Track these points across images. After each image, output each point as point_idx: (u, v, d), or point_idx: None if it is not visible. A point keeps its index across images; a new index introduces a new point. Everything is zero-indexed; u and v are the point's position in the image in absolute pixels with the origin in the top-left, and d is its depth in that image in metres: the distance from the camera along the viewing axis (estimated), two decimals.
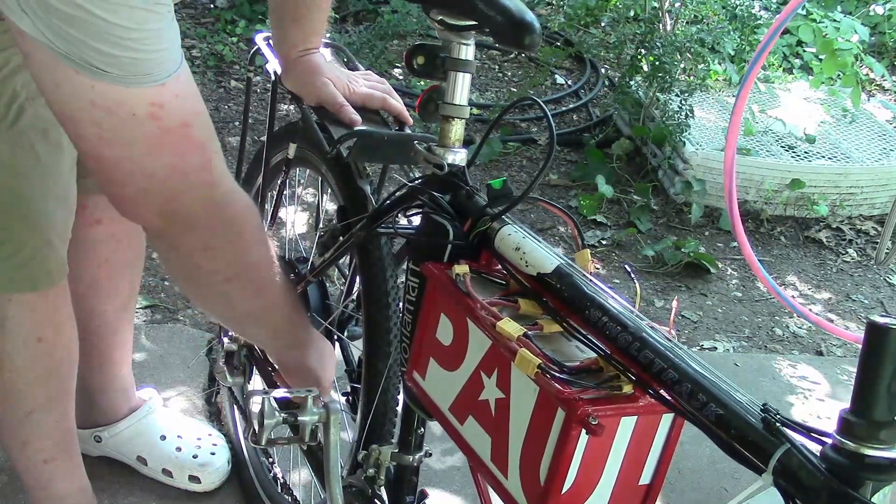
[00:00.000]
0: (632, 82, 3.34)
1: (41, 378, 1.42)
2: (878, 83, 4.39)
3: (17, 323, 1.35)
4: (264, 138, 1.54)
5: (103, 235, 1.55)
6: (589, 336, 0.84)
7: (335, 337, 1.43)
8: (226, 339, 1.52)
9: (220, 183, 0.99)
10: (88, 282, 1.54)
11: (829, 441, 0.65)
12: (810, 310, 2.69)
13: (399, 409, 1.23)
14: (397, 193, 1.13)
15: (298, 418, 1.11)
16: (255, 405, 1.12)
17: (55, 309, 1.39)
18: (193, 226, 1.01)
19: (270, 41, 1.42)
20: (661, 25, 3.31)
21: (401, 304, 1.07)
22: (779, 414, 0.68)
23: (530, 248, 0.91)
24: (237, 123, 3.26)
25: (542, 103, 1.04)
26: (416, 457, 1.20)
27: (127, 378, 1.74)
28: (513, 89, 3.81)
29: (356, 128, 1.26)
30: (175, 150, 0.92)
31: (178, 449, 1.73)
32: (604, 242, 2.91)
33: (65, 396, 1.47)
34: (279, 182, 1.50)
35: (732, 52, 3.55)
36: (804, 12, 3.64)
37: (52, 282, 1.35)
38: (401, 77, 3.73)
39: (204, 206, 0.98)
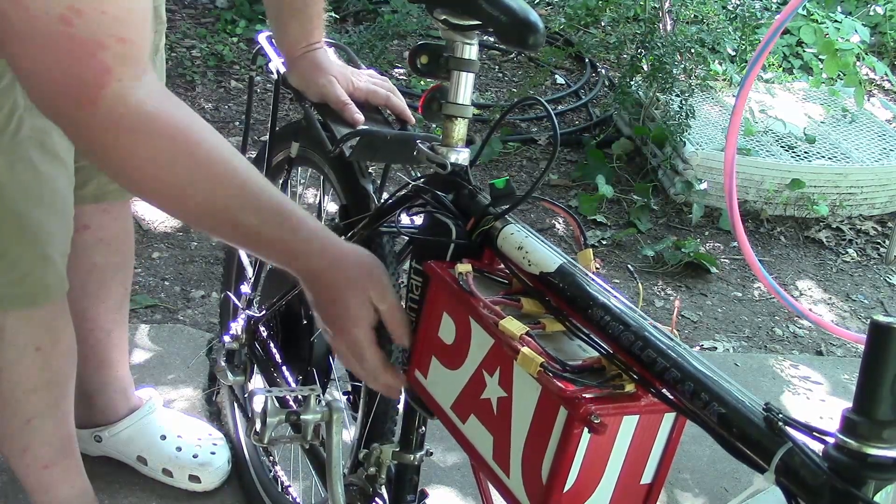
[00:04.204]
0: (632, 82, 3.35)
1: (40, 386, 1.41)
2: (878, 83, 4.39)
3: (15, 333, 1.35)
4: (265, 138, 1.54)
5: (92, 240, 1.54)
6: (591, 335, 0.84)
7: None
8: (226, 338, 1.52)
9: (104, 105, 0.87)
10: (79, 286, 1.53)
11: (832, 440, 0.65)
12: (810, 310, 2.69)
13: (400, 407, 1.23)
14: (400, 192, 1.13)
15: (301, 417, 1.11)
16: (257, 404, 1.12)
17: (53, 318, 1.38)
18: (76, 141, 0.94)
19: (273, 40, 1.42)
20: (661, 25, 3.31)
21: (403, 302, 1.07)
22: (781, 413, 0.69)
23: (533, 248, 0.91)
24: (238, 123, 3.26)
25: (545, 103, 1.05)
26: (418, 456, 1.20)
27: (125, 378, 1.74)
28: (513, 89, 3.81)
29: (359, 127, 1.26)
30: (72, 61, 0.84)
31: (179, 448, 1.73)
32: (604, 242, 2.91)
33: (63, 402, 1.47)
34: (281, 181, 1.50)
35: (733, 52, 3.55)
36: (804, 12, 3.64)
37: (49, 297, 1.34)
38: (401, 77, 3.73)
39: (87, 125, 0.89)
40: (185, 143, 0.91)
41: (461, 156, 1.07)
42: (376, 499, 1.22)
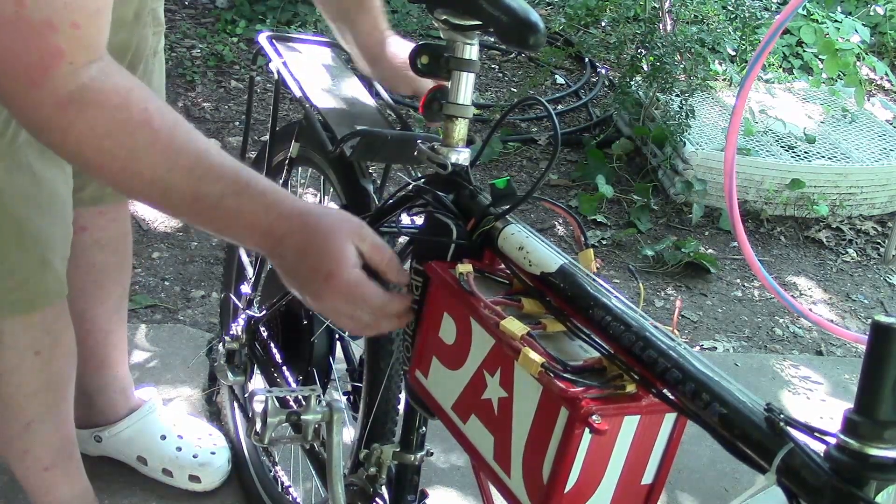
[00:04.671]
0: (632, 82, 3.35)
1: (40, 390, 1.41)
2: (878, 83, 4.39)
3: (15, 338, 1.34)
4: (265, 138, 1.54)
5: (89, 242, 1.54)
6: (592, 335, 0.84)
7: (336, 336, 1.43)
8: (227, 338, 1.52)
9: (53, 84, 0.86)
10: (78, 288, 1.52)
11: (833, 441, 0.65)
12: (810, 310, 2.69)
13: (401, 407, 1.23)
14: (400, 193, 1.13)
15: (301, 417, 1.11)
16: (258, 404, 1.12)
17: (53, 321, 1.38)
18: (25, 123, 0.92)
19: (274, 40, 1.42)
20: (661, 25, 3.31)
21: None
22: (782, 413, 0.68)
23: (534, 248, 0.91)
24: (238, 123, 3.26)
25: (545, 103, 1.04)
26: (418, 456, 1.20)
27: (125, 379, 1.74)
28: (513, 89, 3.81)
29: (358, 127, 1.26)
30: (23, 41, 0.84)
31: (179, 448, 1.73)
32: (604, 242, 2.91)
33: (63, 404, 1.46)
34: (281, 181, 1.50)
35: (733, 52, 3.55)
36: (804, 12, 3.64)
37: (49, 302, 1.33)
38: None
39: (36, 105, 0.88)
40: (141, 114, 0.89)
41: (462, 156, 1.07)
42: (377, 499, 1.22)
